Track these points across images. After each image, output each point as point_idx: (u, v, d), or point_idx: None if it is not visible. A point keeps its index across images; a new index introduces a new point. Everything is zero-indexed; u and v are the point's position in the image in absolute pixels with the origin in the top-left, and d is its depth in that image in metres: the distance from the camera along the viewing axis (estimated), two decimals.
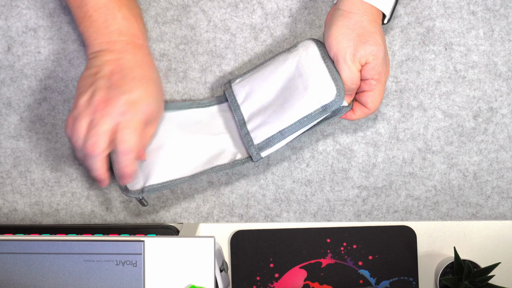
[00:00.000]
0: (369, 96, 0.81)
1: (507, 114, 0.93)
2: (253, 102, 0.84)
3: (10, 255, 0.79)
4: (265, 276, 0.95)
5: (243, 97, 0.84)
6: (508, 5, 0.91)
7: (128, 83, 0.76)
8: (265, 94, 0.83)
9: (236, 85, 0.86)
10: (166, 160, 0.83)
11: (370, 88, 0.81)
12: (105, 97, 0.76)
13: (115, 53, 0.78)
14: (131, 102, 0.76)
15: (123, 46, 0.79)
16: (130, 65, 0.78)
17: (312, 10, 0.92)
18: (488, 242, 0.95)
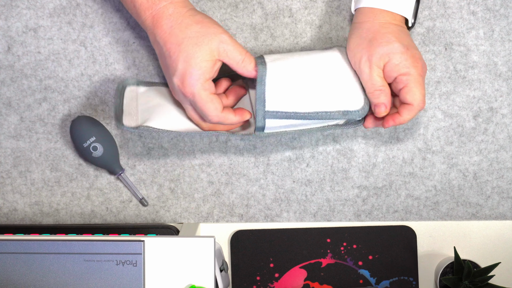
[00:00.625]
0: (405, 92, 0.79)
1: (507, 114, 0.93)
2: (281, 66, 0.80)
3: (10, 255, 0.79)
4: (265, 276, 0.95)
5: (271, 59, 0.81)
6: (508, 5, 0.91)
7: (170, 63, 0.78)
8: (295, 69, 0.80)
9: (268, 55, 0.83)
10: (168, 112, 0.84)
11: (403, 84, 0.79)
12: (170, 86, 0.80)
13: (150, 33, 0.79)
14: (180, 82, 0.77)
15: (150, 21, 0.78)
16: (163, 40, 0.78)
17: (312, 10, 0.92)
18: (488, 242, 0.95)
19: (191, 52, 0.76)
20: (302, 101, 0.79)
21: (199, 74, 0.76)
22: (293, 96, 0.79)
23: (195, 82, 0.77)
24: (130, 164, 0.93)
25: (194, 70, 0.76)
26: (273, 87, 0.79)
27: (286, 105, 0.79)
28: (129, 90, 0.88)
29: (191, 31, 0.77)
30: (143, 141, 0.93)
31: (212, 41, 0.77)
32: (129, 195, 0.94)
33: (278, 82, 0.79)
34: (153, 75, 0.92)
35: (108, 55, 0.92)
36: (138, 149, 0.93)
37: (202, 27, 0.77)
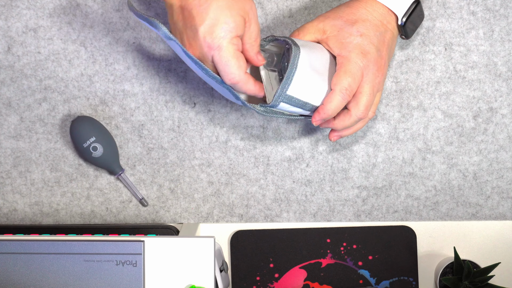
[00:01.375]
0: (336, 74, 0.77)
1: (507, 114, 0.93)
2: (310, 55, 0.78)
3: (10, 255, 0.79)
4: (265, 276, 0.95)
5: (302, 43, 0.78)
6: (508, 6, 0.91)
7: (197, 13, 0.71)
8: (319, 59, 0.79)
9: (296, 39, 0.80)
10: None
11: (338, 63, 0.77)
12: (187, 39, 0.73)
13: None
14: (208, 32, 0.71)
15: None
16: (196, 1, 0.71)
17: (312, 10, 0.92)
18: (488, 242, 0.95)
19: (226, 3, 0.71)
20: (318, 94, 0.78)
21: (232, 27, 0.71)
22: (312, 87, 0.78)
23: (226, 33, 0.71)
24: (130, 164, 0.93)
25: (229, 21, 0.71)
26: (301, 73, 0.77)
27: (305, 95, 0.78)
28: None
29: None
30: (143, 141, 0.93)
31: (246, 3, 0.73)
32: (129, 195, 0.94)
33: (306, 70, 0.77)
34: (153, 75, 0.92)
35: (108, 55, 0.92)
36: (138, 149, 0.93)
37: None
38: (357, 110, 0.77)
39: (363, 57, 0.76)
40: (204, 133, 0.93)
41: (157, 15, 0.91)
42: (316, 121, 0.79)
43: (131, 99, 0.93)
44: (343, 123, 0.79)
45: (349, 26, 0.78)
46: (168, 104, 0.93)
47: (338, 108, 0.77)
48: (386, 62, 0.78)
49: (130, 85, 0.92)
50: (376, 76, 0.77)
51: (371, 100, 0.78)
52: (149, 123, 0.93)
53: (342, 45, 0.78)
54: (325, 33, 0.80)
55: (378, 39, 0.77)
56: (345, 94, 0.76)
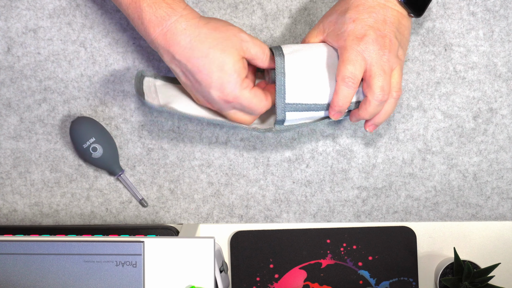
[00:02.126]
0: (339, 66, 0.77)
1: (507, 115, 0.93)
2: (298, 58, 0.79)
3: (9, 256, 0.79)
4: (265, 276, 0.95)
5: (289, 51, 0.79)
6: (508, 6, 0.91)
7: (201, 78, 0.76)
8: (312, 58, 0.79)
9: (285, 45, 0.82)
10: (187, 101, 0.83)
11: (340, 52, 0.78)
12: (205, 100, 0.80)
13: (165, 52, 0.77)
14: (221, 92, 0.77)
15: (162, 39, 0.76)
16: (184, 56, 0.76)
17: (312, 11, 0.92)
18: (488, 243, 0.95)
19: (221, 59, 0.75)
20: (322, 92, 0.78)
21: (236, 78, 0.76)
22: (312, 87, 0.78)
23: (235, 86, 0.76)
24: (130, 165, 0.93)
25: (231, 76, 0.76)
26: (293, 78, 0.77)
27: (306, 97, 0.78)
28: (147, 80, 0.85)
29: (212, 39, 0.75)
30: (143, 142, 0.93)
31: (235, 42, 0.76)
32: (128, 196, 0.94)
33: (298, 74, 0.78)
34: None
35: (108, 56, 0.92)
36: (138, 150, 0.93)
37: (220, 32, 0.76)
38: (373, 93, 0.76)
39: (359, 41, 0.75)
40: (204, 134, 0.93)
41: None
42: (334, 115, 0.79)
43: (131, 100, 0.93)
44: (367, 111, 0.78)
45: (341, 16, 0.78)
46: None
47: (348, 97, 0.77)
48: (392, 40, 0.76)
49: (130, 85, 0.92)
50: (380, 55, 0.76)
51: (385, 80, 0.76)
52: (149, 124, 0.93)
53: (338, 37, 0.78)
54: (325, 31, 0.80)
55: (375, 19, 0.76)
56: (349, 82, 0.76)
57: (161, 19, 0.75)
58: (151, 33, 0.76)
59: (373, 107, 0.77)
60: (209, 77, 0.76)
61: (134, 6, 0.76)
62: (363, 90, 0.78)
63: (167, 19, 0.75)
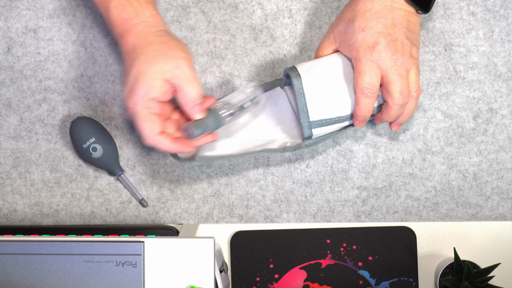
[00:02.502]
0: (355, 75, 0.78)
1: (507, 115, 0.93)
2: (315, 75, 0.80)
3: (10, 256, 0.79)
4: (265, 276, 0.95)
5: (305, 69, 0.80)
6: (508, 6, 0.91)
7: (123, 79, 0.77)
8: (328, 72, 0.80)
9: (299, 64, 0.83)
10: (219, 140, 0.84)
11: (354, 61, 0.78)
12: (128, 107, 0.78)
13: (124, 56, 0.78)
14: (126, 98, 0.76)
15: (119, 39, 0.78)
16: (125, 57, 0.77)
17: (312, 11, 0.92)
18: (488, 243, 0.95)
19: (143, 68, 0.74)
20: (343, 104, 0.80)
21: (144, 92, 0.74)
22: (333, 102, 0.80)
23: (139, 99, 0.74)
24: (130, 165, 0.93)
25: (141, 88, 0.74)
26: (313, 97, 0.79)
27: (329, 112, 0.80)
28: None
29: (150, 49, 0.75)
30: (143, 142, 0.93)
31: (168, 62, 0.75)
32: (128, 196, 0.94)
33: (317, 92, 0.79)
34: None
35: (108, 56, 0.92)
36: (138, 150, 0.93)
37: (163, 47, 0.76)
38: (393, 99, 0.77)
39: (371, 51, 0.76)
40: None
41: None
42: (358, 124, 0.81)
43: None
44: (390, 115, 0.79)
45: (350, 25, 0.78)
46: None
47: (369, 107, 0.78)
48: (403, 41, 0.77)
49: None
50: (394, 60, 0.76)
51: (403, 83, 0.77)
52: None
53: (350, 47, 0.78)
54: (336, 41, 0.81)
55: (384, 24, 0.76)
56: (368, 93, 0.77)
57: (123, 21, 0.77)
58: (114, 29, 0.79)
59: (395, 111, 0.79)
60: (127, 78, 0.76)
61: (103, 6, 0.79)
62: (383, 95, 0.79)
63: (129, 21, 0.77)
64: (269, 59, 0.92)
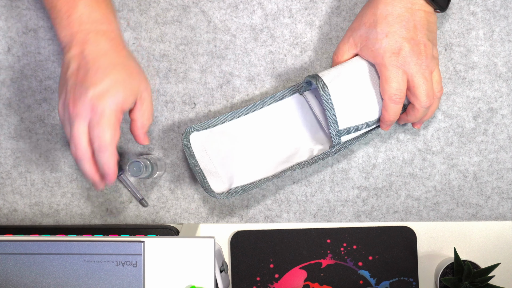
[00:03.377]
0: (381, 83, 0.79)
1: (507, 115, 0.93)
2: (340, 83, 0.80)
3: (10, 255, 0.79)
4: (265, 276, 0.95)
5: (330, 78, 0.81)
6: (508, 6, 0.91)
7: (93, 76, 0.72)
8: (353, 79, 0.81)
9: (322, 73, 0.83)
10: (247, 162, 0.86)
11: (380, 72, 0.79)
12: (73, 97, 0.73)
13: (78, 46, 0.74)
14: (97, 96, 0.72)
15: (84, 36, 0.75)
16: (93, 56, 0.74)
17: (312, 10, 0.92)
18: (488, 243, 0.95)
19: (124, 79, 0.74)
20: (370, 110, 0.81)
21: (120, 101, 0.73)
22: (361, 109, 0.81)
23: (112, 104, 0.72)
24: None
25: (119, 94, 0.73)
26: (341, 106, 0.80)
27: (357, 119, 0.81)
28: (193, 140, 0.87)
29: (129, 62, 0.76)
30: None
31: (141, 83, 0.76)
32: (129, 195, 0.94)
33: (344, 101, 0.80)
34: (153, 76, 0.92)
35: None
36: (138, 149, 0.93)
37: (139, 68, 0.77)
38: (419, 102, 0.79)
39: (397, 57, 0.76)
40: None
41: (157, 15, 0.92)
42: (385, 128, 0.83)
43: None
44: (416, 116, 0.81)
45: (373, 30, 0.78)
46: (168, 105, 0.93)
47: (397, 112, 0.80)
48: (426, 43, 0.77)
49: None
50: (419, 64, 0.77)
51: (428, 86, 0.78)
52: None
53: (373, 53, 0.78)
54: (357, 46, 0.81)
55: (406, 28, 0.77)
56: (396, 98, 0.78)
57: (93, 21, 0.75)
58: (73, 27, 0.75)
59: (421, 113, 0.81)
60: (100, 79, 0.72)
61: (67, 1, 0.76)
62: (408, 98, 0.80)
63: (100, 23, 0.76)
64: (269, 59, 0.92)
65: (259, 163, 0.87)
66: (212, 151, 0.88)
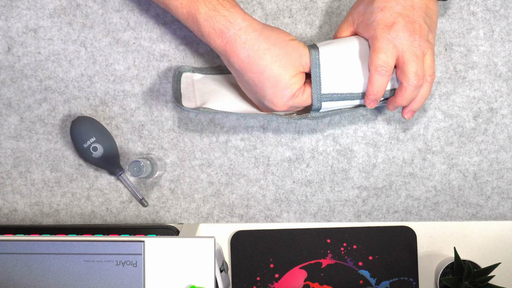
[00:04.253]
0: None
1: (507, 115, 0.93)
2: (331, 50, 0.80)
3: (10, 255, 0.79)
4: (265, 276, 0.95)
5: (323, 44, 0.81)
6: (508, 6, 0.91)
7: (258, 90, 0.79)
8: (344, 50, 0.81)
9: (318, 42, 0.84)
10: (225, 98, 0.86)
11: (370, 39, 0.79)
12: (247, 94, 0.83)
13: (222, 57, 0.80)
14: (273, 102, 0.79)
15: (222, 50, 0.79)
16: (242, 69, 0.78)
17: (312, 10, 0.92)
18: (488, 243, 0.95)
19: (277, 75, 0.77)
20: (356, 82, 0.80)
21: (289, 93, 0.78)
22: (347, 78, 0.80)
23: (287, 100, 0.78)
24: None
25: (285, 90, 0.78)
26: (327, 70, 0.79)
27: (341, 87, 0.80)
28: (185, 76, 0.89)
29: (271, 55, 0.77)
30: (143, 142, 0.93)
31: (294, 59, 0.78)
32: (129, 195, 0.94)
33: (332, 65, 0.80)
34: (153, 75, 0.92)
35: (108, 56, 0.92)
36: (138, 149, 0.93)
37: (280, 48, 0.78)
38: (408, 79, 0.77)
39: (389, 29, 0.76)
40: (204, 134, 0.93)
41: (157, 15, 0.91)
42: (369, 104, 0.81)
43: (131, 100, 0.93)
44: (404, 97, 0.79)
45: (369, 6, 0.78)
46: (168, 105, 0.93)
47: (382, 85, 0.78)
48: (421, 24, 0.77)
49: (130, 85, 0.92)
50: (411, 41, 0.77)
51: (419, 65, 0.77)
52: (149, 124, 0.93)
53: (367, 27, 0.78)
54: (354, 22, 0.81)
55: (403, 6, 0.77)
56: (382, 71, 0.77)
57: (220, 32, 0.77)
58: (212, 43, 0.78)
59: (409, 93, 0.79)
60: (263, 91, 0.78)
61: (192, 20, 0.78)
62: (398, 77, 0.79)
63: (226, 32, 0.77)
64: None
65: (237, 103, 0.87)
66: (198, 85, 0.89)
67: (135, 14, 0.91)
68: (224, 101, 0.87)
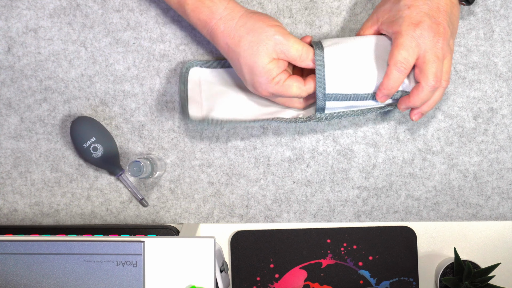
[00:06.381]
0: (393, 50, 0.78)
1: (507, 115, 0.93)
2: (338, 49, 0.81)
3: (10, 255, 0.79)
4: (265, 276, 0.95)
5: (329, 43, 0.82)
6: (508, 6, 0.91)
7: (240, 74, 0.82)
8: (353, 49, 0.81)
9: (324, 40, 0.84)
10: (232, 103, 0.87)
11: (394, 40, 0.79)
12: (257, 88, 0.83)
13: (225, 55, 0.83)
14: (253, 86, 0.81)
15: (209, 39, 0.82)
16: (224, 54, 0.82)
17: (312, 10, 0.92)
18: (488, 243, 0.95)
19: (251, 62, 0.79)
20: (362, 82, 0.80)
21: (266, 78, 0.79)
22: (352, 78, 0.80)
23: (266, 86, 0.80)
24: None
25: (260, 78, 0.79)
26: (332, 69, 0.80)
27: (346, 87, 0.80)
28: (193, 72, 0.90)
29: (245, 43, 0.79)
30: (143, 142, 0.93)
31: (267, 46, 0.78)
32: (129, 195, 0.94)
33: (337, 65, 0.80)
34: (153, 76, 0.92)
35: (108, 56, 0.92)
36: (138, 149, 0.93)
37: (254, 35, 0.79)
38: (426, 79, 0.77)
39: (415, 27, 0.76)
40: (204, 134, 0.93)
41: (157, 15, 0.91)
42: (381, 98, 0.80)
43: (131, 100, 0.93)
44: (418, 97, 0.79)
45: (396, 4, 0.79)
46: (169, 105, 0.93)
47: (398, 82, 0.78)
48: (445, 28, 0.77)
49: (130, 85, 0.92)
50: (435, 42, 0.77)
51: (438, 67, 0.77)
52: (149, 124, 0.93)
53: (393, 23, 0.78)
54: (379, 20, 0.81)
55: (429, 6, 0.77)
56: (401, 67, 0.77)
57: (204, 23, 0.81)
58: (201, 32, 0.83)
59: (425, 93, 0.78)
60: (243, 76, 0.81)
61: (181, 11, 0.82)
62: (416, 77, 0.79)
63: (209, 22, 0.80)
64: None
65: (242, 107, 0.87)
66: (205, 86, 0.89)
67: (135, 14, 0.91)
68: (231, 106, 0.87)
